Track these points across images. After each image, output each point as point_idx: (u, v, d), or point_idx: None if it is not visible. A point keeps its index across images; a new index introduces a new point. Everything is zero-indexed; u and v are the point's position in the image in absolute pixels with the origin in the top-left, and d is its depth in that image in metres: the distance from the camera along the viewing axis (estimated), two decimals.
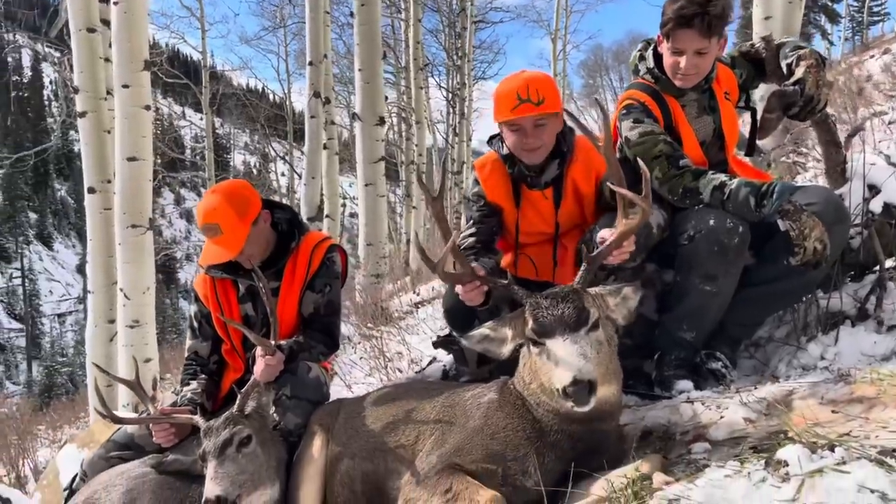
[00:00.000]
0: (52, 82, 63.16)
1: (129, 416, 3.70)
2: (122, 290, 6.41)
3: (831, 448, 1.77)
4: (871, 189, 2.99)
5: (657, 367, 2.94)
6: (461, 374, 3.33)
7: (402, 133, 21.87)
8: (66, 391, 29.80)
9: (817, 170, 5.30)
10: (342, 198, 20.03)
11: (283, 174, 31.22)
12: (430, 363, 3.92)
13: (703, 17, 2.70)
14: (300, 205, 10.68)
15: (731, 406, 2.40)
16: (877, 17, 41.80)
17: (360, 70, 8.24)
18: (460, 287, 2.54)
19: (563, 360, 2.04)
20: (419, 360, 4.93)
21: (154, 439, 3.02)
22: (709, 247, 2.66)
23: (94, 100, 7.65)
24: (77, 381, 33.86)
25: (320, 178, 10.70)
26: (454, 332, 2.93)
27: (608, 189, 2.93)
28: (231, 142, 65.49)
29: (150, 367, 6.58)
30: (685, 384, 2.76)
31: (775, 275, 2.75)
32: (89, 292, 7.72)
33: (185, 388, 3.20)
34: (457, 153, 21.12)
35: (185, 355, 3.36)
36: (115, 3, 6.11)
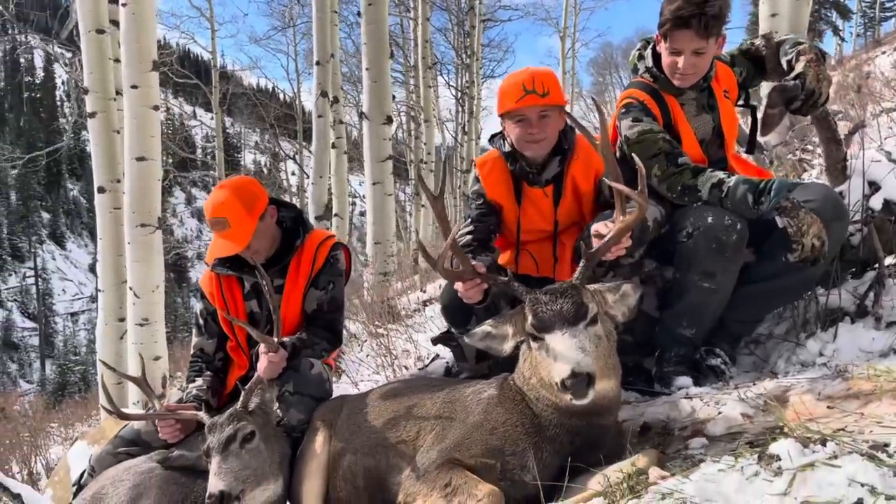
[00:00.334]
0: (65, 83, 63.54)
1: (136, 412, 3.75)
2: (131, 288, 6.48)
3: (823, 443, 1.78)
4: (872, 186, 3.00)
5: (657, 364, 2.97)
6: (462, 371, 3.36)
7: (411, 132, 21.90)
8: (79, 389, 30.01)
9: (823, 167, 5.29)
10: (352, 196, 20.11)
11: (293, 173, 31.29)
12: (433, 360, 3.94)
13: (700, 17, 2.72)
14: (309, 204, 10.72)
15: (729, 402, 2.42)
16: (889, 13, 41.46)
17: (367, 69, 8.28)
18: (460, 284, 2.55)
19: (562, 354, 2.06)
20: (426, 357, 4.96)
21: (160, 435, 3.07)
22: (707, 244, 2.67)
23: (104, 100, 7.72)
24: (90, 379, 34.08)
25: (328, 177, 10.75)
26: (452, 328, 2.96)
27: (606, 187, 2.96)
28: (241, 141, 65.84)
29: (160, 365, 6.64)
30: (684, 380, 2.78)
31: (774, 271, 2.76)
32: (99, 291, 7.79)
33: (190, 385, 3.25)
34: (466, 151, 21.14)
35: (191, 352, 3.40)
36: (124, 4, 6.16)
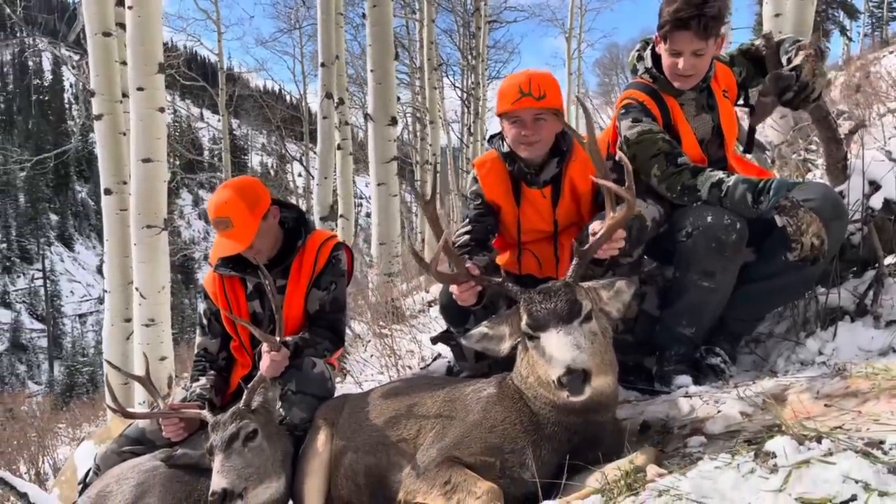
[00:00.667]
0: (72, 86, 63.97)
1: (141, 411, 3.78)
2: (137, 289, 6.51)
3: (819, 440, 1.80)
4: (872, 185, 3.00)
5: (657, 363, 2.98)
6: (462, 370, 3.38)
7: (417, 133, 21.92)
8: (87, 390, 30.13)
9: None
10: (358, 198, 20.15)
11: (299, 175, 31.35)
12: (435, 359, 3.96)
13: (699, 18, 2.73)
14: (314, 205, 10.75)
15: (728, 401, 2.43)
16: None
17: (372, 71, 8.30)
18: (455, 287, 2.58)
19: (557, 352, 2.08)
20: (430, 358, 4.98)
21: (164, 434, 3.09)
22: (706, 243, 2.68)
23: (110, 102, 7.76)
24: (97, 380, 34.22)
25: (332, 179, 10.78)
26: (451, 328, 2.98)
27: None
28: (248, 143, 65.95)
29: (166, 366, 6.68)
30: (684, 379, 2.79)
31: (774, 270, 2.77)
32: (106, 292, 7.83)
33: (194, 385, 3.27)
34: (472, 152, 21.12)
35: (195, 352, 3.43)
36: (130, 7, 6.20)
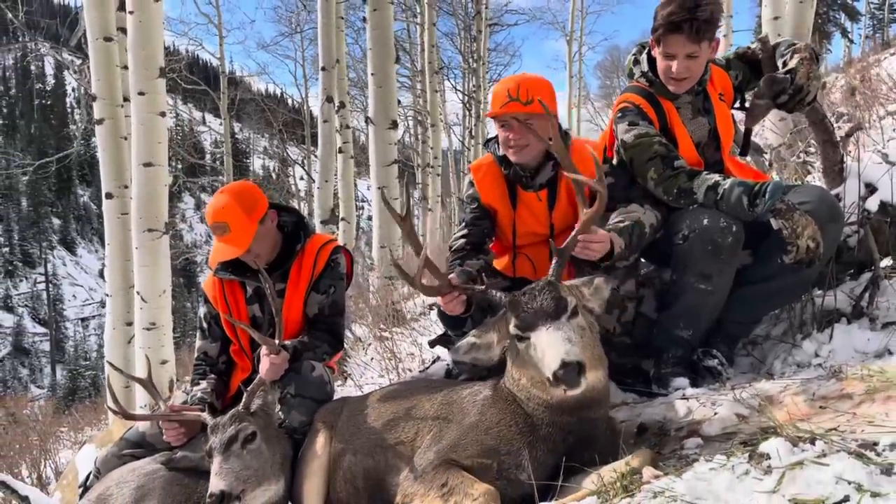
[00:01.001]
0: (75, 90, 64.06)
1: (141, 413, 3.79)
2: (138, 293, 6.53)
3: (812, 441, 1.81)
4: (868, 188, 3.02)
5: (655, 365, 2.99)
6: (461, 373, 3.39)
7: (419, 136, 21.95)
8: (89, 394, 30.11)
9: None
10: (360, 201, 20.17)
11: (301, 178, 31.39)
12: (434, 362, 3.97)
13: (691, 22, 2.75)
14: (315, 208, 10.77)
15: (724, 403, 2.43)
16: None
17: (372, 74, 8.31)
18: (440, 299, 2.60)
19: (550, 347, 2.10)
20: (430, 360, 4.99)
21: (164, 438, 3.11)
22: (703, 246, 2.69)
23: (111, 107, 7.78)
24: (100, 384, 34.13)
25: (333, 182, 10.79)
26: (449, 331, 3.00)
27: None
28: (250, 146, 66.08)
29: (167, 369, 6.69)
30: (682, 381, 2.79)
31: (770, 273, 2.78)
32: (107, 296, 7.85)
33: (194, 388, 3.28)
34: (473, 155, 21.14)
35: (195, 356, 3.44)
36: (131, 12, 6.22)
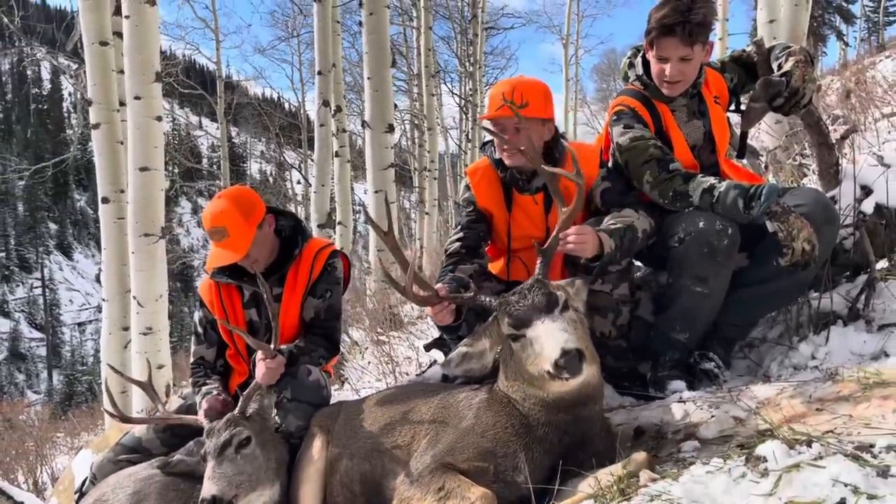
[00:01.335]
0: (71, 94, 64.00)
1: (138, 416, 3.78)
2: (135, 297, 6.51)
3: (809, 444, 1.81)
4: (864, 190, 3.02)
5: (652, 368, 2.99)
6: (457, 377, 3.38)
7: (415, 140, 21.96)
8: (86, 399, 30.03)
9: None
10: (358, 205, 20.16)
11: (298, 182, 31.38)
12: (431, 366, 3.96)
13: (684, 25, 2.76)
14: (311, 212, 10.76)
15: (721, 405, 2.44)
16: (893, 17, 41.42)
17: (368, 78, 8.30)
18: (429, 309, 2.60)
19: (547, 339, 2.10)
20: (427, 364, 4.99)
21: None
22: (699, 249, 2.70)
23: (108, 111, 7.77)
24: (96, 389, 34.07)
25: (330, 186, 10.78)
26: (444, 335, 2.99)
27: (598, 194, 3.00)
28: (247, 150, 65.96)
29: (163, 374, 6.68)
30: (678, 384, 2.80)
31: (766, 275, 2.78)
32: (104, 300, 7.83)
33: (203, 389, 3.22)
34: (469, 158, 21.16)
35: (191, 360, 3.42)
36: (127, 16, 6.23)
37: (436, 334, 4.54)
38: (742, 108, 3.15)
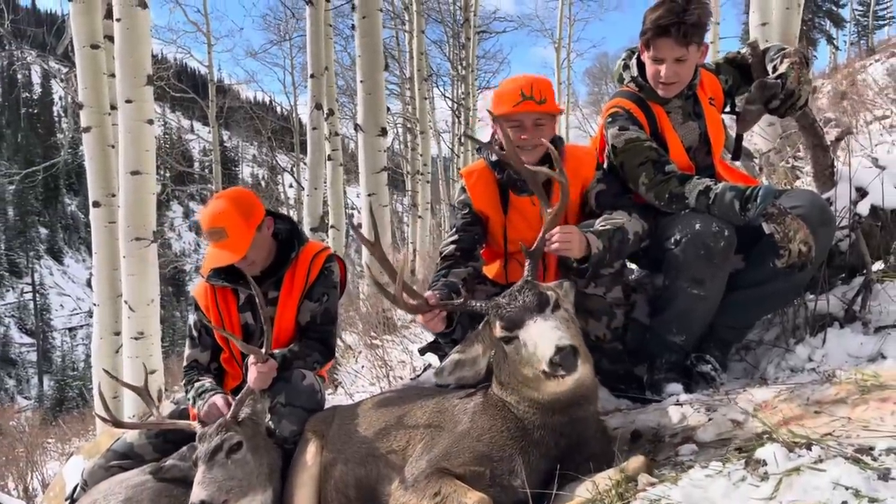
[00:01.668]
0: (62, 98, 63.72)
1: (131, 422, 3.74)
2: (126, 302, 6.46)
3: (809, 447, 1.80)
4: (859, 192, 3.02)
5: (648, 371, 2.98)
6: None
7: (408, 143, 21.93)
8: (77, 405, 29.83)
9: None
10: (351, 208, 20.13)
11: (290, 186, 31.32)
12: (426, 369, 3.94)
13: (679, 26, 2.75)
14: (304, 216, 10.73)
15: (719, 408, 2.43)
16: (882, 21, 41.72)
17: (361, 82, 8.27)
18: (420, 317, 2.58)
19: (541, 337, 2.10)
20: (421, 368, 4.96)
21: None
22: (695, 251, 2.68)
23: (99, 115, 7.72)
24: (87, 394, 33.90)
25: (322, 189, 10.75)
26: (438, 338, 2.97)
27: (592, 197, 2.98)
28: (239, 154, 65.89)
29: (155, 378, 6.62)
30: (675, 387, 2.78)
31: (763, 277, 2.78)
32: (95, 305, 7.78)
33: (196, 385, 3.18)
34: (462, 162, 21.14)
35: (184, 364, 3.39)
36: (118, 19, 6.18)
37: (429, 338, 4.51)
38: (737, 109, 3.15)
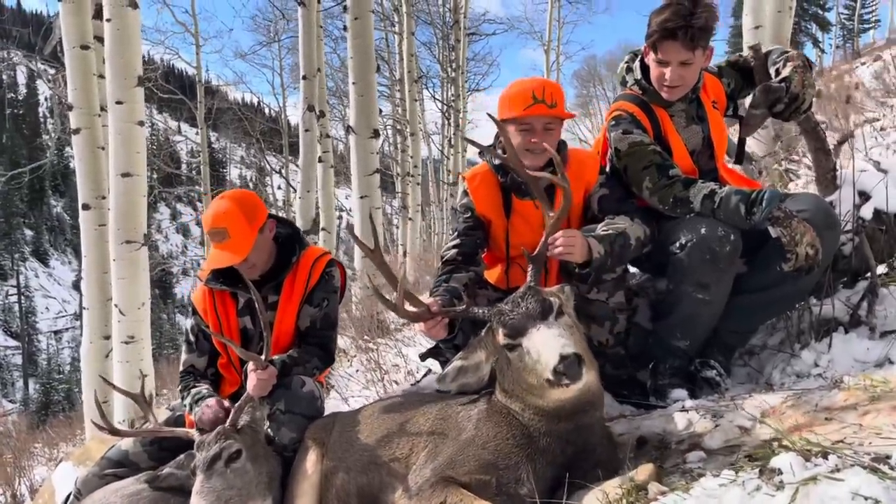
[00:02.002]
0: (48, 99, 63.16)
1: (126, 429, 3.68)
2: (116, 306, 6.37)
3: (825, 455, 1.77)
4: (862, 195, 3.01)
5: (652, 376, 2.95)
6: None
7: (398, 145, 21.91)
8: (63, 408, 29.59)
9: (809, 177, 5.32)
10: (339, 210, 20.06)
11: (279, 188, 31.22)
12: (426, 375, 3.90)
13: (686, 29, 2.73)
14: (296, 218, 10.67)
15: (725, 414, 2.40)
16: (867, 25, 42.10)
17: (353, 83, 8.25)
18: (422, 325, 2.54)
19: (545, 346, 2.07)
20: (416, 372, 4.92)
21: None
22: (700, 255, 2.66)
23: (88, 116, 7.63)
24: (74, 398, 33.62)
25: (315, 192, 10.70)
26: (440, 343, 2.93)
27: (595, 200, 2.96)
28: (227, 156, 65.60)
29: (147, 383, 6.54)
30: (680, 393, 2.76)
31: (768, 282, 2.76)
32: (84, 308, 7.68)
33: (193, 391, 3.12)
34: (452, 164, 21.14)
35: (181, 369, 3.33)
36: (108, 20, 6.11)
37: (423, 341, 4.47)
38: (739, 113, 3.13)
